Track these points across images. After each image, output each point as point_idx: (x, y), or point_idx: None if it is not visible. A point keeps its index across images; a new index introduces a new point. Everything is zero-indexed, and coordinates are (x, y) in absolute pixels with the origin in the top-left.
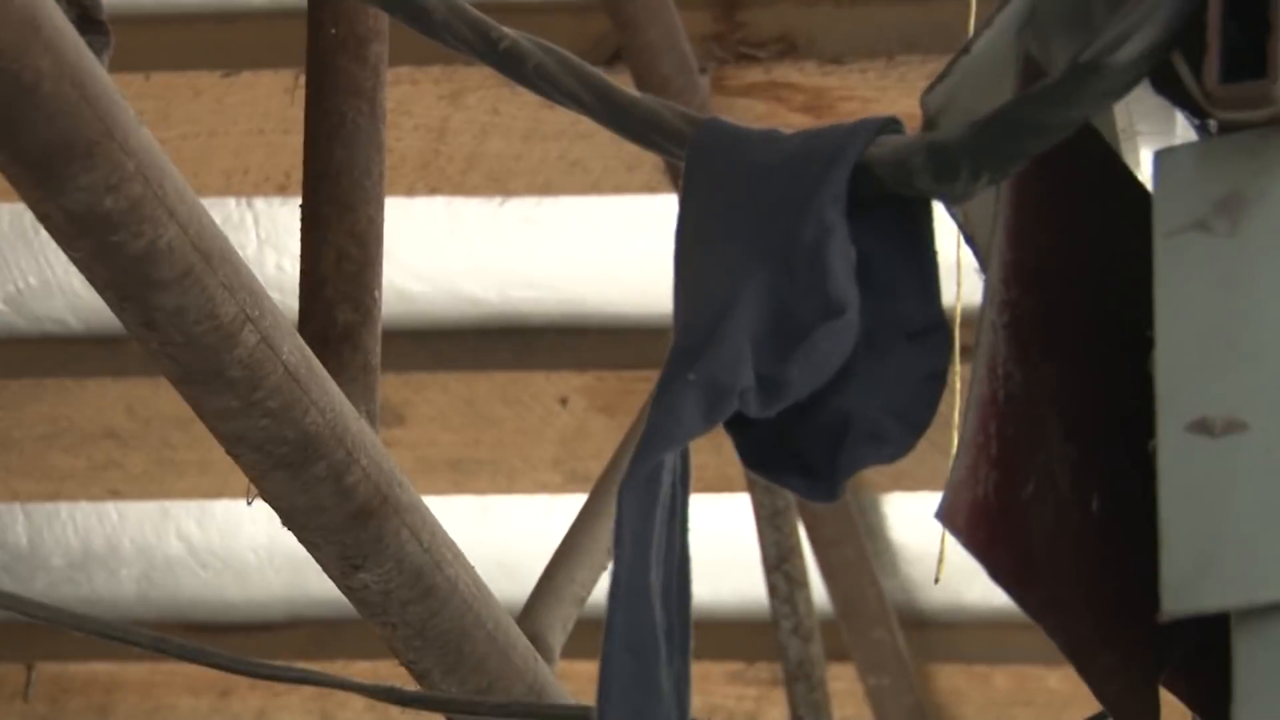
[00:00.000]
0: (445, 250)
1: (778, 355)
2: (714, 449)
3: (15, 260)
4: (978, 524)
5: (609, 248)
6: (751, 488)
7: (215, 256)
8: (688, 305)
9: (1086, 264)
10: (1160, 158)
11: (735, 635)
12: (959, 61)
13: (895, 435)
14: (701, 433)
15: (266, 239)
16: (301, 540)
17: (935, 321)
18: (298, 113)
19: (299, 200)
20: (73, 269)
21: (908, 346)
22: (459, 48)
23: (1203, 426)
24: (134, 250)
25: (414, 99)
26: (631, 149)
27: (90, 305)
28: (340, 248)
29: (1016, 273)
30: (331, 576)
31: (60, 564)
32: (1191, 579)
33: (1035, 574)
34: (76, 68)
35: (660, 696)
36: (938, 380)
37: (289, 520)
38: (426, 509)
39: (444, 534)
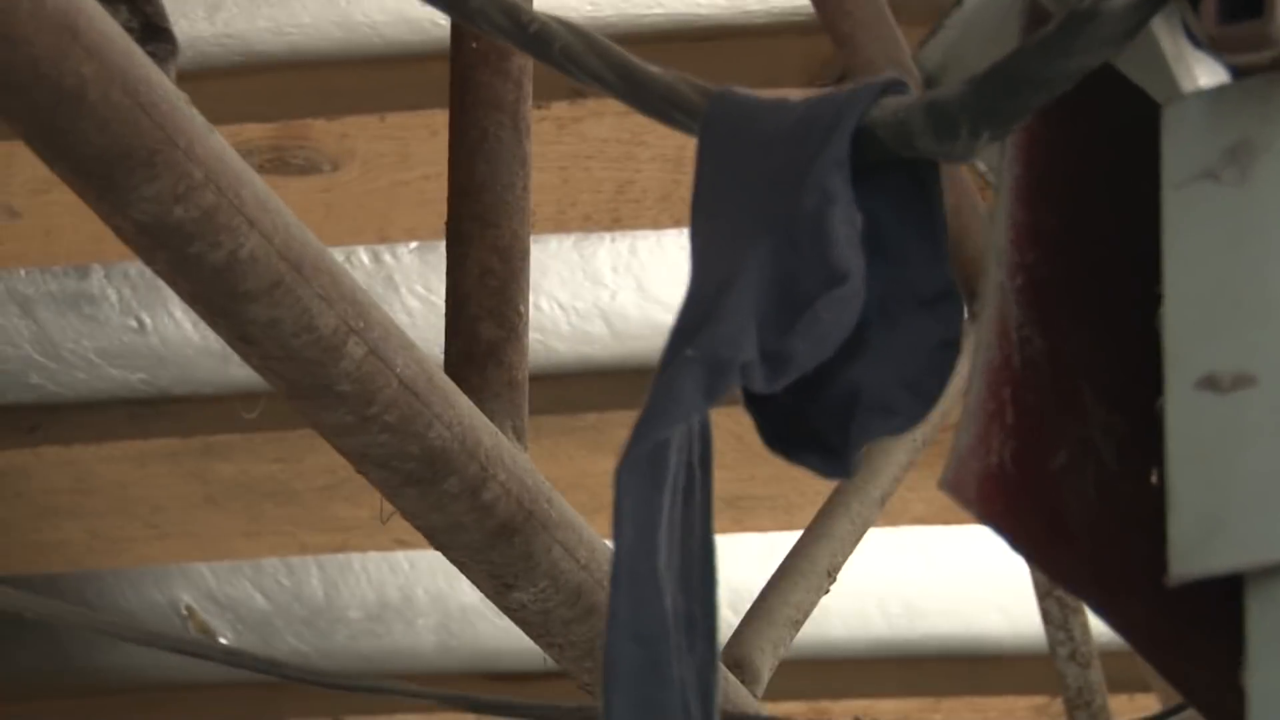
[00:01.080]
0: None
1: (781, 328)
2: None
3: None
4: (993, 494)
5: None
6: None
7: (307, 266)
8: (693, 281)
9: (1120, 224)
10: (1168, 107)
11: (1036, 668)
12: (951, 16)
13: (905, 406)
14: (702, 410)
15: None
16: (450, 559)
17: (947, 288)
18: (532, 148)
19: (549, 238)
20: None
21: (920, 314)
22: (492, 33)
23: (1211, 383)
24: (214, 261)
25: (649, 129)
26: None
27: None
28: (483, 263)
29: (1032, 235)
30: (488, 597)
31: (358, 616)
32: (1200, 540)
33: (1073, 548)
34: (127, 74)
35: (672, 685)
36: (951, 349)
37: (432, 539)
38: (584, 525)
39: (605, 550)
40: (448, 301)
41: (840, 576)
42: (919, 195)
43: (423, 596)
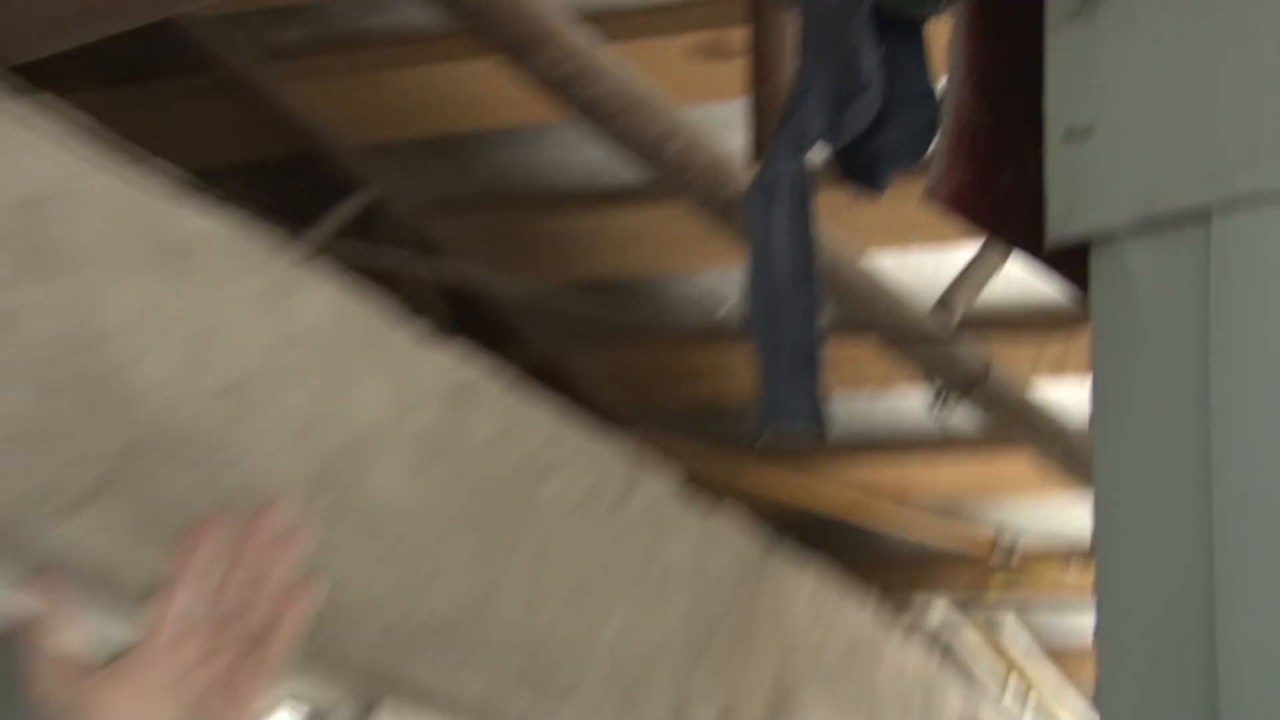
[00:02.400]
0: None
1: (837, 112)
2: None
3: None
4: (957, 200)
5: None
6: None
7: None
8: (794, 87)
9: None
10: None
11: None
12: None
13: (906, 155)
14: (797, 160)
15: None
16: None
17: (928, 90)
18: None
19: None
20: None
21: (916, 104)
22: None
23: (1071, 135)
24: None
25: None
26: None
27: None
28: None
29: (980, 54)
30: None
31: None
32: (1065, 214)
33: (1014, 230)
34: None
35: (789, 300)
36: (933, 124)
37: None
38: None
39: None
40: None
41: None
42: (916, 37)
43: None
